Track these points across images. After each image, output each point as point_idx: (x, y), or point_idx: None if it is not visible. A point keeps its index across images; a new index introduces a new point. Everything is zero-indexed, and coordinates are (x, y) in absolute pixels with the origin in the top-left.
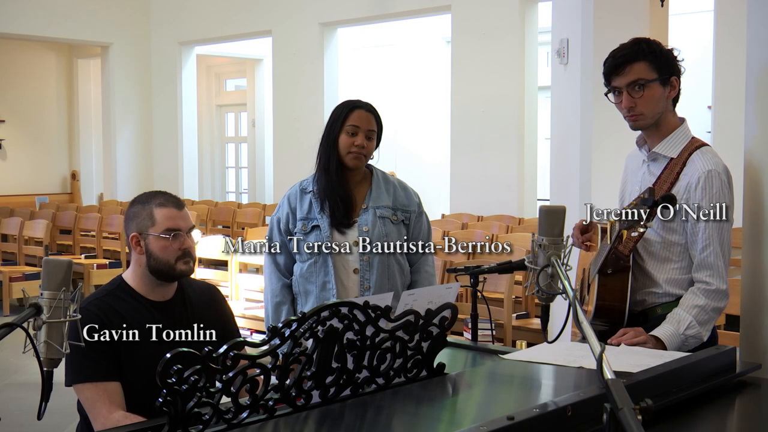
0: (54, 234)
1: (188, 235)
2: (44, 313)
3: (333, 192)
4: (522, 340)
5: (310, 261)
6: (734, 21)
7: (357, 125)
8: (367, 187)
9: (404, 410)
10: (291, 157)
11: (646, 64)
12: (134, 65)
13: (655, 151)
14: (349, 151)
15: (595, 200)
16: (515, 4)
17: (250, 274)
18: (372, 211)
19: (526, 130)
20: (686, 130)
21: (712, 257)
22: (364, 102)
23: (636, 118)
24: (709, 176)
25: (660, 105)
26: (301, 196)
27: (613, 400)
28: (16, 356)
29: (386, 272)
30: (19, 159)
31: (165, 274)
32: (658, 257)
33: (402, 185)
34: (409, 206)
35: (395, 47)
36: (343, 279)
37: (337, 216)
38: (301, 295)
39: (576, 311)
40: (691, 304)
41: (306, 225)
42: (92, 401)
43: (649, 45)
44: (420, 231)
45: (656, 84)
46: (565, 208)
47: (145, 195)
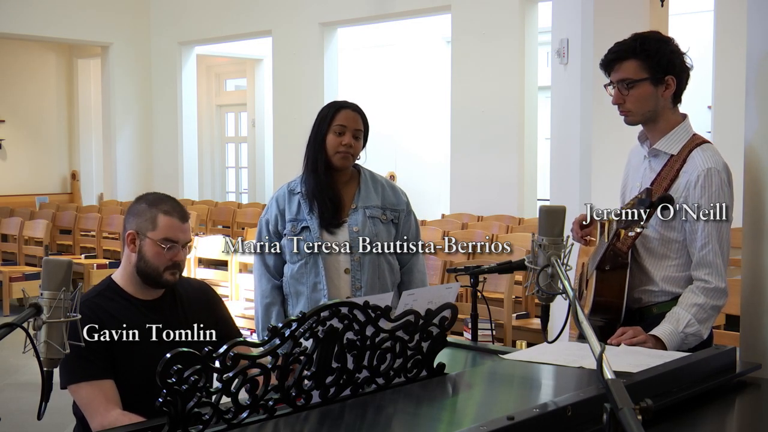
0: (54, 234)
1: (183, 249)
2: (44, 313)
3: (321, 192)
4: (522, 340)
5: (301, 262)
6: (734, 21)
7: (344, 125)
8: (355, 187)
9: (404, 410)
10: (291, 157)
11: (636, 63)
12: (134, 65)
13: (655, 148)
14: (337, 151)
15: (595, 200)
16: (515, 4)
17: (250, 274)
18: (362, 211)
19: (526, 130)
20: (687, 127)
21: (711, 255)
22: (350, 102)
23: (624, 113)
24: (709, 174)
25: (649, 104)
26: (290, 197)
27: (613, 400)
28: (16, 356)
29: (377, 272)
30: (19, 159)
31: (150, 278)
32: (656, 254)
33: (390, 185)
34: (398, 205)
35: (395, 47)
36: (334, 279)
37: (326, 216)
38: (292, 296)
39: (576, 311)
40: (690, 303)
41: (295, 226)
42: (88, 400)
43: (645, 43)
44: (409, 230)
45: (646, 83)
46: (565, 208)
47: (155, 196)
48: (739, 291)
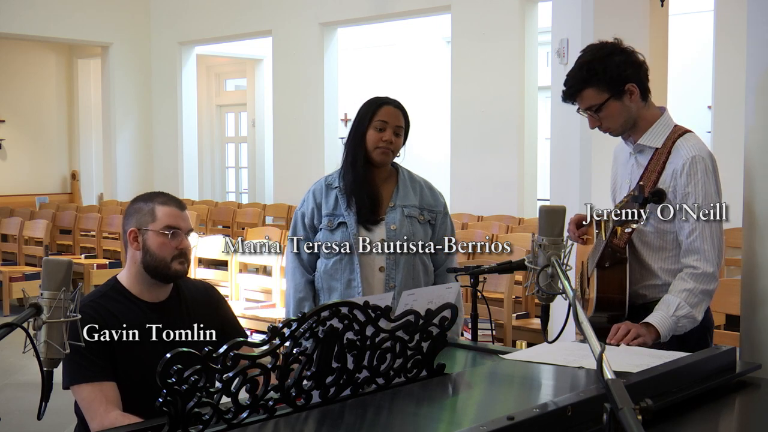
0: (54, 234)
1: (186, 237)
2: (44, 313)
3: (359, 188)
4: (522, 340)
5: (336, 258)
6: (734, 21)
7: (385, 120)
8: (394, 185)
9: (404, 410)
10: (291, 157)
11: (592, 90)
12: (134, 65)
13: (640, 143)
14: (377, 146)
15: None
16: (515, 4)
17: (250, 274)
18: (400, 209)
19: (526, 130)
20: (668, 119)
21: (699, 241)
22: (392, 99)
23: (607, 131)
24: (693, 162)
25: (623, 115)
26: (327, 191)
27: (613, 400)
28: (16, 356)
29: (411, 272)
30: (19, 159)
31: (160, 272)
32: (653, 247)
33: (428, 185)
34: (436, 207)
35: (395, 47)
36: (369, 277)
37: (364, 213)
38: (325, 292)
39: (576, 311)
40: (679, 289)
41: (332, 221)
42: (89, 401)
43: (591, 68)
44: (445, 232)
45: (610, 102)
46: (565, 208)
47: (148, 193)
48: (739, 291)
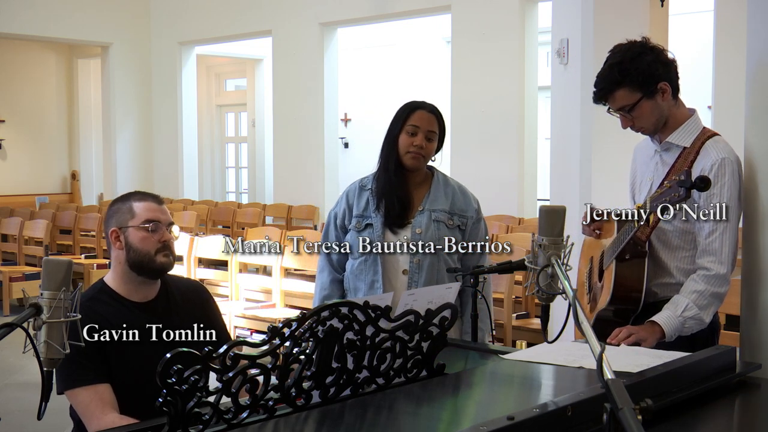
0: (54, 234)
1: (168, 229)
2: (44, 313)
3: (390, 191)
4: (522, 340)
5: (361, 259)
6: (734, 21)
7: (417, 125)
8: (427, 189)
9: (404, 410)
10: (291, 157)
11: (625, 90)
12: (134, 65)
13: (668, 141)
14: (408, 151)
15: (595, 200)
16: (515, 4)
17: (250, 274)
18: (428, 213)
19: (526, 130)
20: (698, 121)
21: (717, 243)
22: (427, 103)
23: (639, 131)
24: (722, 164)
25: (656, 113)
26: (360, 192)
27: (613, 400)
28: (16, 356)
29: (435, 275)
30: (19, 159)
31: (145, 267)
32: (671, 245)
33: (462, 190)
34: (467, 211)
35: (395, 47)
36: (392, 279)
37: (392, 215)
38: (351, 292)
39: (576, 311)
40: (690, 290)
41: (360, 222)
42: (85, 405)
43: (623, 69)
44: (476, 237)
45: (643, 101)
46: (565, 208)
47: (125, 194)
48: (739, 291)
